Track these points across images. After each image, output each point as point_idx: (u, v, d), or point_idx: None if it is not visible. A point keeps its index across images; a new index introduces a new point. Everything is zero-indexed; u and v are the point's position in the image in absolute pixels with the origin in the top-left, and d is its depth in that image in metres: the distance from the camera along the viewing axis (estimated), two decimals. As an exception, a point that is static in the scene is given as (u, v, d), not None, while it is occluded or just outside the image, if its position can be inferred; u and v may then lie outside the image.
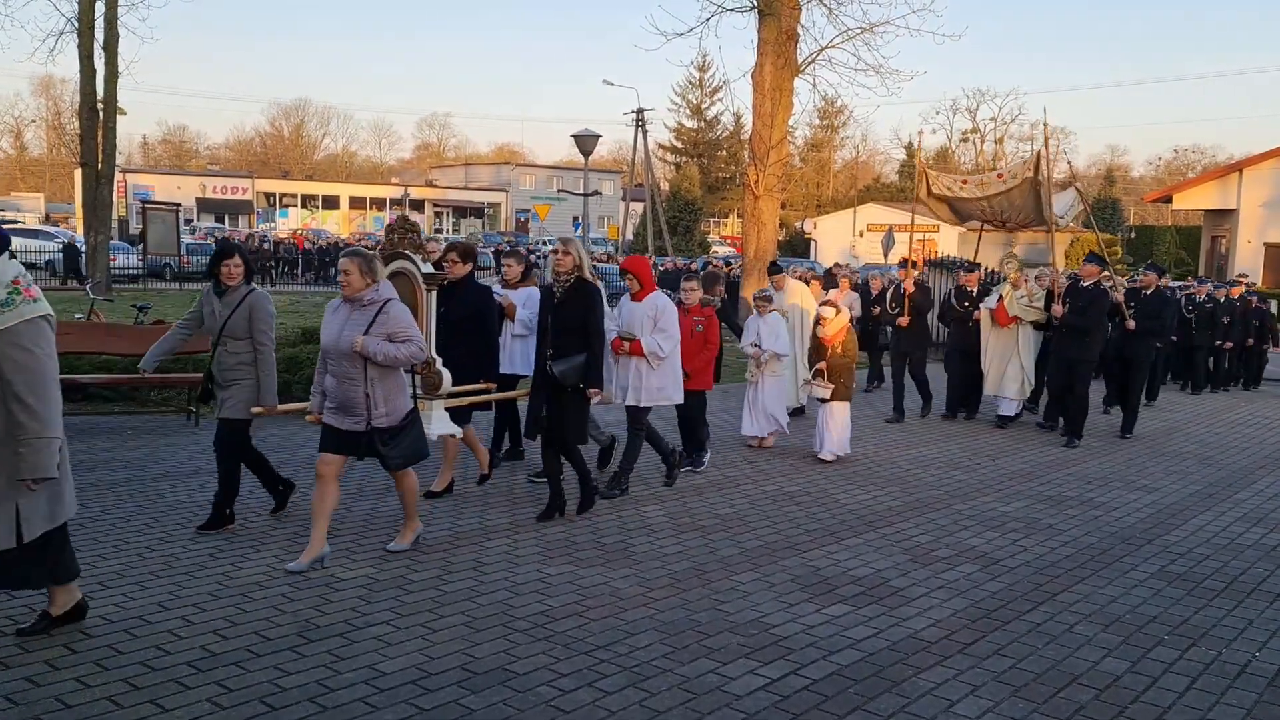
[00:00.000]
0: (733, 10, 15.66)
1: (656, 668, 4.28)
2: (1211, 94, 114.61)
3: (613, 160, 79.11)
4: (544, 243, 44.77)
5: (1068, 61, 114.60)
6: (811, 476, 8.16)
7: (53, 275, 28.47)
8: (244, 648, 4.29)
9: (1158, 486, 8.33)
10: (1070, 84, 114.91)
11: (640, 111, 44.69)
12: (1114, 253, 35.20)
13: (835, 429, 8.66)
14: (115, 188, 26.25)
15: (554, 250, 6.56)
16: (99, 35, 21.81)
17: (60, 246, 29.94)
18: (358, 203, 70.42)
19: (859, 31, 15.78)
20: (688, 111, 68.22)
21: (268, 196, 67.39)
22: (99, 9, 21.73)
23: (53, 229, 39.01)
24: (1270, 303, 18.39)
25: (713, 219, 72.46)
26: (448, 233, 61.84)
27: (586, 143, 21.18)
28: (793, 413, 10.57)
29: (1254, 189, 35.74)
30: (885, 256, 34.23)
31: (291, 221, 62.28)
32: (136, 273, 28.10)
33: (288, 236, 42.84)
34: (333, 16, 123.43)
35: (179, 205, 32.82)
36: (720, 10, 15.71)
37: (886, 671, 4.34)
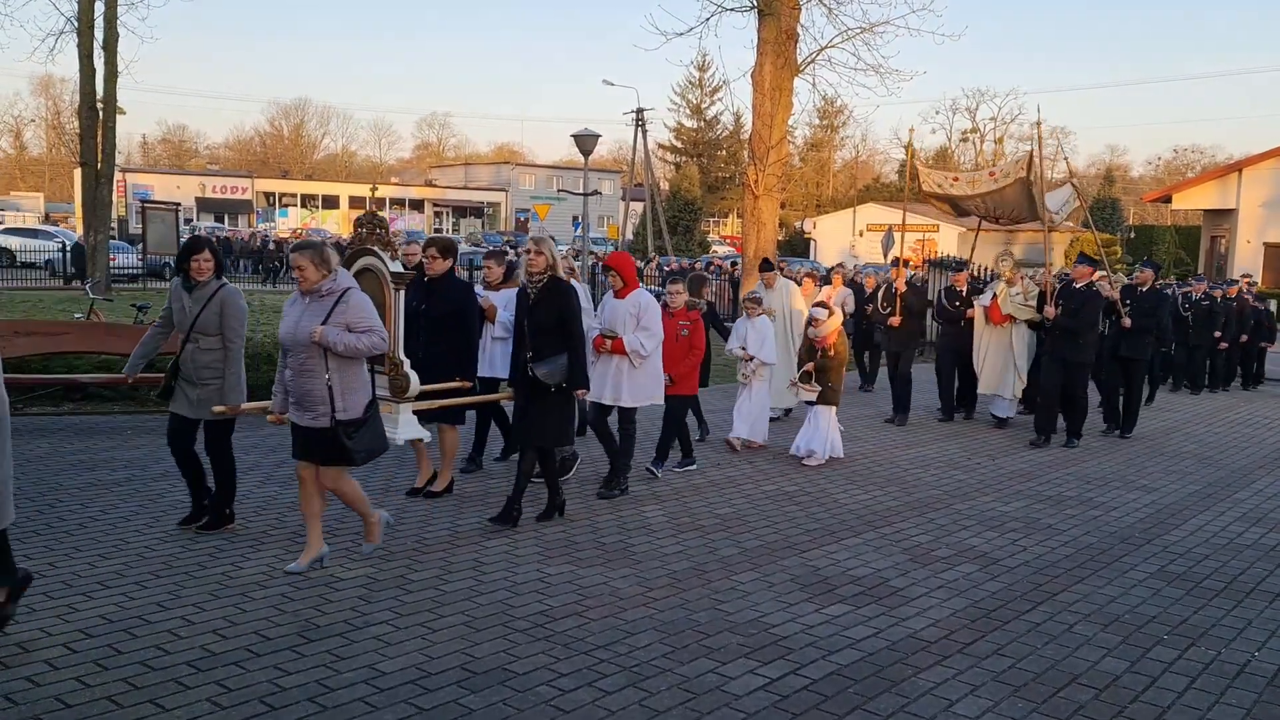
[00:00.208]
0: (732, 10, 15.61)
1: (656, 667, 4.28)
2: (1211, 94, 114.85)
3: (612, 160, 79.11)
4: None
5: (1067, 61, 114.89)
6: (811, 476, 8.16)
7: (53, 275, 28.45)
8: (244, 648, 4.30)
9: (1157, 486, 8.33)
10: (1070, 84, 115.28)
11: (640, 111, 44.76)
12: (1113, 253, 35.19)
13: (822, 432, 8.64)
14: (115, 187, 26.23)
15: (525, 250, 6.35)
16: (99, 35, 21.78)
17: (60, 246, 29.96)
18: (357, 202, 70.29)
19: (859, 31, 15.75)
20: (687, 111, 68.34)
21: (267, 196, 67.37)
22: (99, 8, 21.70)
23: (52, 229, 39.00)
24: (1269, 302, 18.41)
25: (712, 219, 72.44)
26: (447, 233, 61.85)
27: (586, 142, 21.13)
28: (783, 414, 10.58)
29: (1253, 189, 35.79)
30: (885, 256, 34.22)
31: (291, 221, 62.30)
32: (136, 272, 28.08)
33: (288, 236, 42.89)
34: (333, 16, 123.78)
35: (178, 205, 32.74)
36: (720, 10, 15.68)
37: (886, 671, 4.34)
